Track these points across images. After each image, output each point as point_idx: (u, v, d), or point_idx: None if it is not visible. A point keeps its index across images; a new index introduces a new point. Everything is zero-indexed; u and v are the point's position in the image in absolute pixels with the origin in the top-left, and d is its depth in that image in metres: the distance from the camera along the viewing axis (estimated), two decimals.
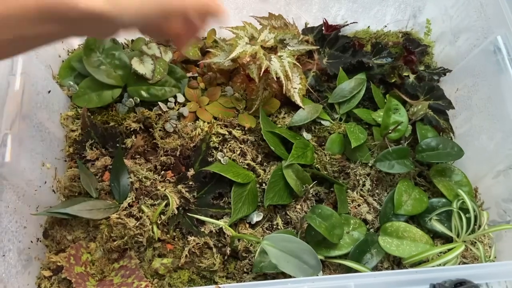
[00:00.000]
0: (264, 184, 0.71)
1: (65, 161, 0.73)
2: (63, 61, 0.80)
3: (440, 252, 0.64)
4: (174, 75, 0.79)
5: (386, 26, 0.93)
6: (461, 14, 0.82)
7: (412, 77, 0.82)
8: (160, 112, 0.76)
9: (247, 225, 0.70)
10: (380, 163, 0.70)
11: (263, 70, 0.68)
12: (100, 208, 0.66)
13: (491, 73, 0.72)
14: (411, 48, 0.84)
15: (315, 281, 0.49)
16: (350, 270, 0.64)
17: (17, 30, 0.36)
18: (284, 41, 0.75)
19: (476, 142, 0.76)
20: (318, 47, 0.82)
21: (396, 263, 0.69)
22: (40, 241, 0.66)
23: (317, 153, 0.75)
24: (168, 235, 0.67)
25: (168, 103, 0.77)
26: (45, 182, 0.66)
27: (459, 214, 0.68)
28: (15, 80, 0.60)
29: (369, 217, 0.71)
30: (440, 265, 0.61)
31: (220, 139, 0.74)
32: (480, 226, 0.68)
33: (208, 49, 0.83)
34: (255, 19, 0.79)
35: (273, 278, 0.65)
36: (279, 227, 0.69)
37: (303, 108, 0.76)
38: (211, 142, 0.73)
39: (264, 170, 0.73)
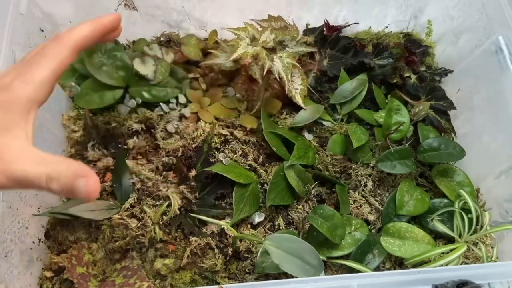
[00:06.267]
0: (265, 185, 0.71)
1: None
2: None
3: (442, 253, 0.64)
4: (176, 76, 0.79)
5: (387, 27, 0.93)
6: (462, 14, 0.83)
7: (413, 78, 0.82)
8: (161, 113, 0.76)
9: (249, 226, 0.70)
10: (382, 164, 0.70)
11: (265, 70, 0.68)
12: (102, 208, 0.66)
13: (492, 73, 0.72)
14: (412, 49, 0.84)
15: (318, 281, 0.49)
16: (352, 270, 0.64)
17: None
18: (283, 43, 0.75)
19: (478, 142, 0.76)
20: (316, 49, 0.82)
21: (398, 263, 0.69)
22: (42, 241, 0.66)
23: (319, 153, 0.75)
24: (170, 236, 0.67)
25: (170, 104, 0.77)
26: None
27: (461, 214, 0.68)
28: None
29: (371, 217, 0.71)
30: (442, 265, 0.61)
31: (221, 140, 0.74)
32: (482, 227, 0.68)
33: (209, 50, 0.83)
34: (255, 22, 0.79)
35: (275, 278, 0.65)
36: (280, 227, 0.69)
37: (305, 109, 0.76)
38: (213, 143, 0.73)
39: (266, 171, 0.73)
